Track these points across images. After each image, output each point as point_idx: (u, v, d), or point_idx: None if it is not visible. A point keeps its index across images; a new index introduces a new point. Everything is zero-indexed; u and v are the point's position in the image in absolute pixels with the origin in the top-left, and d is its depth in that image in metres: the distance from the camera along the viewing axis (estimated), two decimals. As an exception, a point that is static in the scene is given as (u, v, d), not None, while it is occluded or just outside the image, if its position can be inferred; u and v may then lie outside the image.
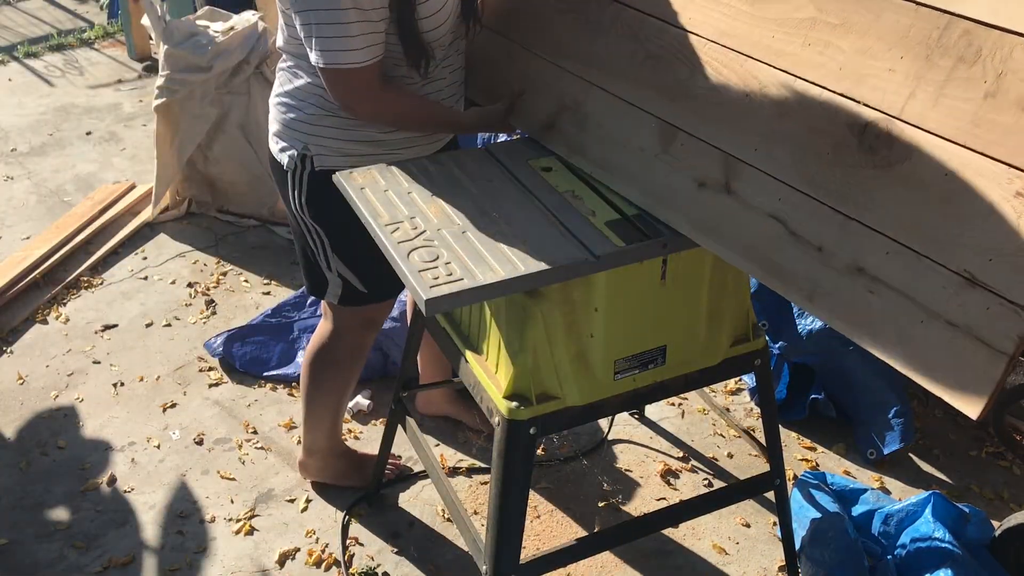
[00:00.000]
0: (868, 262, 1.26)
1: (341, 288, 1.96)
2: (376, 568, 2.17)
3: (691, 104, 1.52)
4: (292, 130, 1.83)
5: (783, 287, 1.36)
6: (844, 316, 1.29)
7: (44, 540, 2.22)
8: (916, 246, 1.22)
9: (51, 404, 2.66)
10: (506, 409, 1.57)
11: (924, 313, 1.20)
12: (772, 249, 1.37)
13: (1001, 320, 1.13)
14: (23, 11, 5.94)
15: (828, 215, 1.31)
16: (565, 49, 1.77)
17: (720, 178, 1.45)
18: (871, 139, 1.28)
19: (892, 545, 2.09)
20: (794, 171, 1.36)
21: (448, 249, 1.49)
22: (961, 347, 1.16)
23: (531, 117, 1.81)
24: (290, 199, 1.90)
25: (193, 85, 3.30)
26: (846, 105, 1.31)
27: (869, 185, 1.27)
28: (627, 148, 1.61)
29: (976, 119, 1.19)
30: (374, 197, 1.64)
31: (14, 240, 3.44)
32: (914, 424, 2.54)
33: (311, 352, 2.13)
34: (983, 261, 1.15)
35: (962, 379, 1.16)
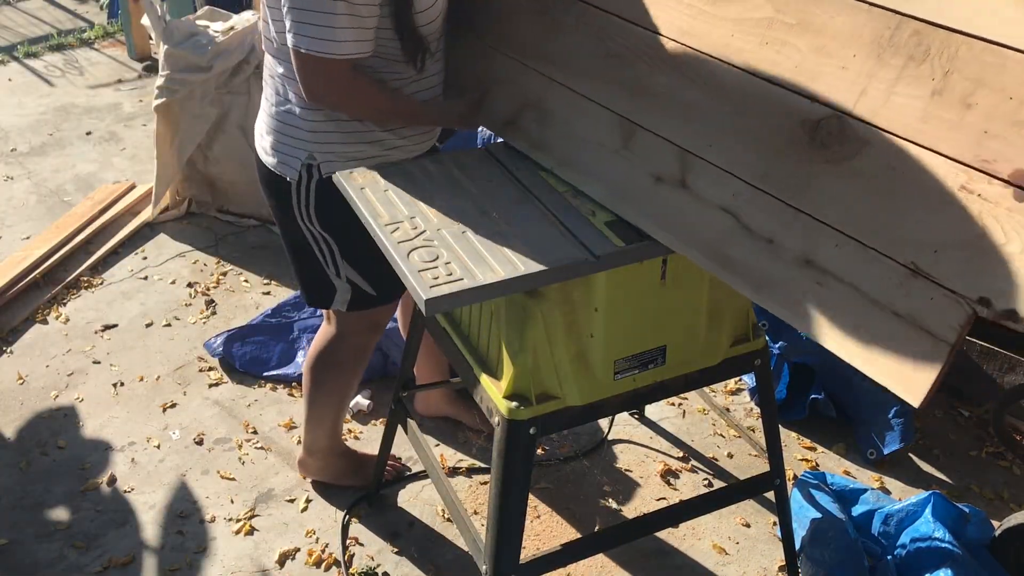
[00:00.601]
0: (817, 255, 1.29)
1: (350, 293, 1.95)
2: (376, 568, 2.17)
3: (650, 101, 1.54)
4: (294, 139, 1.81)
5: (733, 279, 1.38)
6: (793, 308, 1.31)
7: (44, 540, 2.22)
8: (864, 239, 1.25)
9: (51, 404, 2.66)
10: (506, 409, 1.57)
11: (871, 304, 1.23)
12: (724, 242, 1.39)
13: (944, 310, 1.16)
14: (23, 11, 5.94)
15: (779, 209, 1.34)
16: (530, 47, 1.79)
17: (676, 173, 1.48)
18: (823, 135, 1.31)
19: (892, 545, 2.09)
20: (748, 166, 1.39)
21: (448, 249, 1.49)
22: (906, 337, 1.19)
23: (495, 114, 1.82)
24: (295, 212, 1.86)
25: (193, 85, 3.30)
26: (800, 102, 1.34)
27: (820, 180, 1.30)
28: (587, 144, 1.63)
29: (924, 115, 1.22)
30: (374, 197, 1.64)
31: (14, 240, 3.44)
32: (914, 424, 2.54)
33: (314, 354, 2.12)
34: (928, 253, 1.18)
35: (907, 368, 1.19)
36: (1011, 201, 1.13)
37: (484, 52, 1.87)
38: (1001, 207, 1.13)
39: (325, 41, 1.59)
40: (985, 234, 1.14)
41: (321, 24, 1.58)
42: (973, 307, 1.14)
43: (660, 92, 1.53)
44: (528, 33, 1.80)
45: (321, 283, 1.96)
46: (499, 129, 1.80)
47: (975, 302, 1.14)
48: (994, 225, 1.14)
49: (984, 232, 1.14)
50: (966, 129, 1.18)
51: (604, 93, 1.62)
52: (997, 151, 1.15)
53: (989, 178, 1.15)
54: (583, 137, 1.64)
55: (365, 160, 1.82)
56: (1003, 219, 1.13)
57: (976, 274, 1.14)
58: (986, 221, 1.14)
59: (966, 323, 1.15)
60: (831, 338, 1.26)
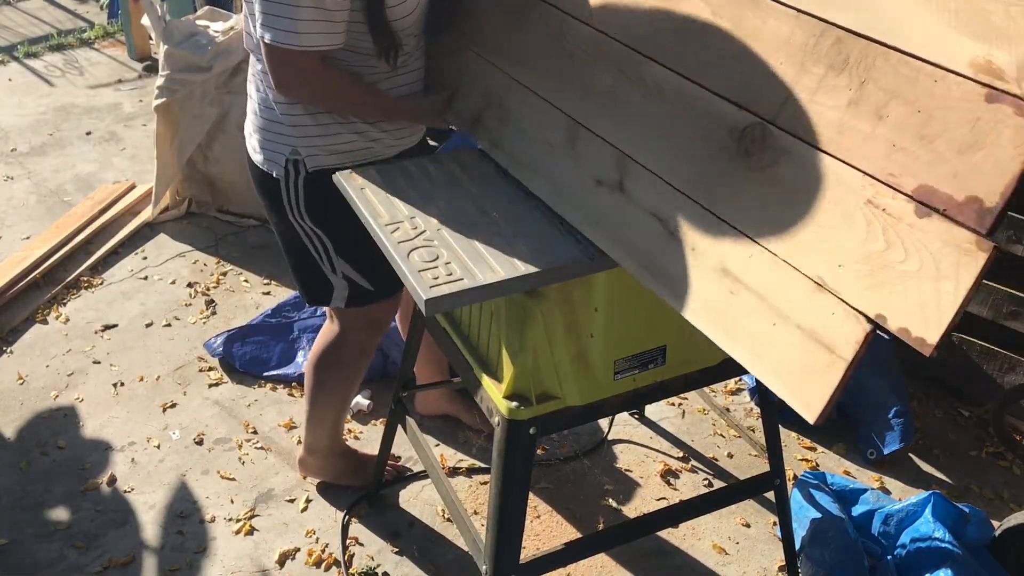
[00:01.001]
0: (732, 264, 1.29)
1: (347, 290, 1.95)
2: (376, 568, 2.17)
3: (596, 102, 1.55)
4: (277, 135, 1.82)
5: (657, 287, 1.38)
6: (709, 317, 1.30)
7: (44, 540, 2.22)
8: (776, 250, 1.25)
9: (51, 404, 2.66)
10: (506, 409, 1.57)
11: (777, 316, 1.22)
12: (651, 248, 1.39)
13: (844, 326, 1.15)
14: (23, 11, 5.94)
15: (702, 216, 1.34)
16: (496, 45, 1.80)
17: (615, 176, 1.48)
18: (747, 143, 1.31)
19: (892, 545, 2.09)
20: (678, 172, 1.39)
21: (448, 249, 1.49)
22: (806, 351, 1.19)
23: (463, 112, 1.82)
24: (286, 208, 1.87)
25: (193, 85, 3.30)
26: (729, 109, 1.34)
27: (741, 188, 1.30)
28: (537, 143, 1.64)
29: (840, 126, 1.22)
30: (374, 197, 1.64)
31: (14, 240, 3.44)
32: (914, 424, 2.54)
33: (316, 353, 2.12)
34: (833, 267, 1.18)
35: (806, 383, 1.18)
36: (912, 217, 1.13)
37: (456, 49, 1.88)
38: (903, 223, 1.13)
39: (290, 33, 1.60)
40: (886, 250, 1.14)
41: (286, 16, 1.59)
42: (872, 324, 1.13)
43: (606, 94, 1.54)
44: (495, 31, 1.81)
45: (318, 280, 1.96)
46: (467, 127, 1.81)
47: (872, 319, 1.13)
48: (895, 241, 1.13)
49: (886, 248, 1.14)
50: (877, 141, 1.18)
51: (557, 93, 1.63)
52: (903, 165, 1.15)
53: (894, 192, 1.15)
54: (535, 136, 1.65)
55: (348, 152, 1.83)
56: (904, 235, 1.13)
57: (875, 290, 1.14)
58: (888, 237, 1.14)
59: (863, 340, 1.14)
60: (739, 350, 1.25)
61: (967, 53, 1.13)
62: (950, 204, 1.10)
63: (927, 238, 1.11)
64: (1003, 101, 1.09)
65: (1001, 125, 1.08)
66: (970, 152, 1.10)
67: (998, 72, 1.10)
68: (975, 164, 1.09)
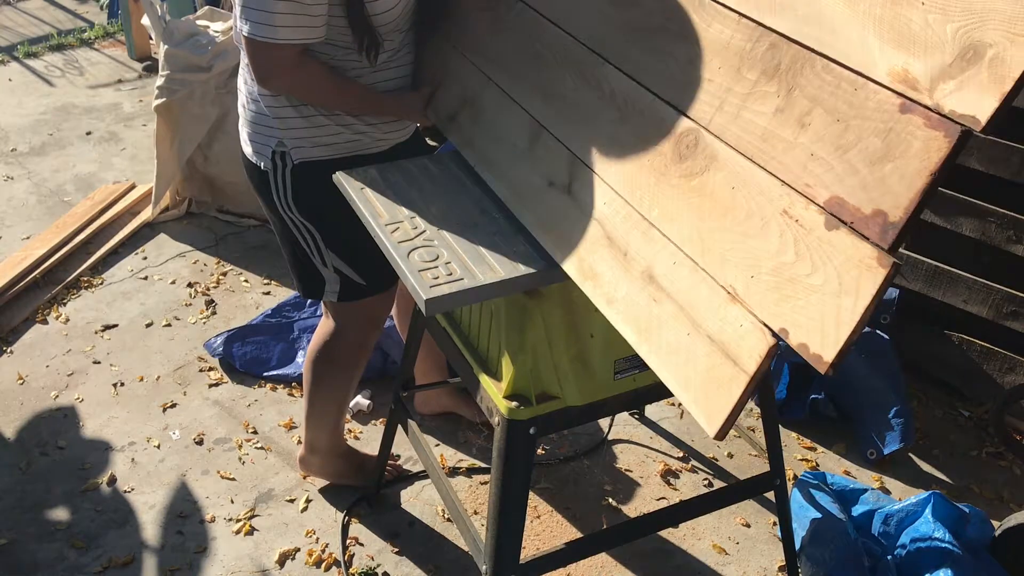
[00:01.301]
0: (657, 271, 1.29)
1: (339, 284, 1.95)
2: (376, 568, 2.17)
3: (557, 104, 1.55)
4: (263, 127, 1.83)
5: (592, 290, 1.38)
6: (633, 323, 1.30)
7: (44, 540, 2.22)
8: (697, 258, 1.24)
9: (51, 404, 2.66)
10: (506, 409, 1.57)
11: (691, 325, 1.22)
12: (589, 251, 1.39)
13: (750, 338, 1.14)
14: (23, 11, 5.94)
15: (637, 221, 1.34)
16: (475, 44, 1.80)
17: (565, 179, 1.48)
18: (683, 148, 1.31)
19: (892, 545, 2.09)
20: (620, 176, 1.39)
21: (448, 249, 1.49)
22: (714, 363, 1.17)
23: (441, 109, 1.83)
24: (275, 201, 1.89)
25: (193, 85, 3.30)
26: (671, 114, 1.34)
27: (672, 194, 1.30)
28: (503, 143, 1.64)
29: (765, 134, 1.21)
30: (374, 197, 1.64)
31: (14, 240, 3.44)
32: (914, 424, 2.54)
33: (313, 351, 2.12)
34: (746, 278, 1.17)
35: (710, 396, 1.17)
36: (822, 229, 1.11)
37: (441, 46, 1.89)
38: (813, 235, 1.12)
39: (266, 26, 1.61)
40: (795, 262, 1.13)
41: (263, 9, 1.60)
42: (775, 337, 1.12)
43: (566, 96, 1.54)
44: (476, 29, 1.82)
45: (311, 273, 1.97)
46: (443, 124, 1.81)
47: (775, 332, 1.12)
48: (804, 254, 1.12)
49: (795, 260, 1.13)
50: (797, 150, 1.17)
51: (526, 94, 1.64)
52: (818, 176, 1.14)
53: (808, 203, 1.14)
54: (502, 136, 1.66)
55: (334, 145, 1.83)
56: (812, 248, 1.12)
57: (781, 303, 1.13)
58: (798, 249, 1.13)
59: (766, 354, 1.12)
60: (653, 358, 1.24)
61: (887, 61, 1.11)
62: (857, 217, 1.08)
63: (833, 251, 1.09)
64: (915, 112, 1.07)
65: (911, 137, 1.06)
66: (880, 164, 1.08)
67: (913, 82, 1.08)
68: (883, 177, 1.07)
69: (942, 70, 1.06)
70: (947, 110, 1.04)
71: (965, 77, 1.04)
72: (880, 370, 2.52)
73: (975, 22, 1.05)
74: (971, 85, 1.03)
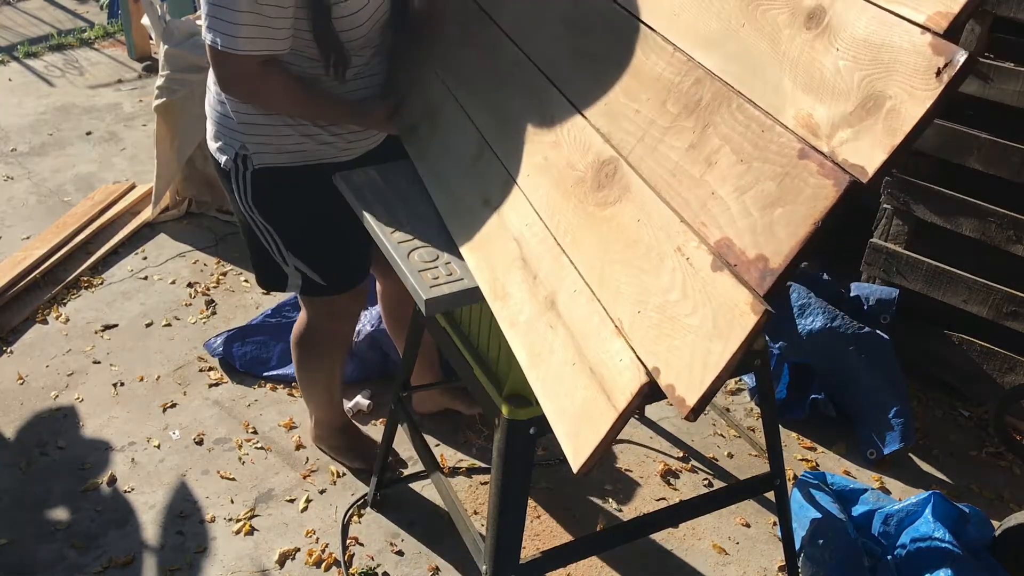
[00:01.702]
0: (559, 298, 1.28)
1: (301, 279, 1.99)
2: (376, 568, 2.17)
3: (503, 123, 1.55)
4: (228, 129, 1.85)
5: (500, 311, 1.37)
6: (528, 348, 1.29)
7: (44, 540, 2.22)
8: (595, 288, 1.23)
9: (51, 404, 2.66)
10: (506, 409, 1.57)
11: (577, 355, 1.20)
12: (504, 272, 1.38)
13: (626, 375, 1.13)
14: (23, 11, 5.94)
15: (551, 245, 1.33)
16: (444, 57, 1.81)
17: (499, 198, 1.48)
18: (603, 177, 1.31)
19: (892, 545, 2.09)
20: (545, 200, 1.38)
21: (448, 249, 1.49)
22: (590, 396, 1.16)
23: (406, 119, 1.82)
24: (237, 199, 1.91)
25: (193, 85, 3.30)
26: (598, 142, 1.34)
27: (586, 222, 1.29)
28: (451, 157, 1.64)
29: (676, 169, 1.20)
30: (373, 197, 1.64)
31: (14, 240, 3.44)
32: (914, 424, 2.54)
33: (294, 337, 2.20)
34: (633, 312, 1.16)
35: (581, 429, 1.15)
36: (708, 270, 1.11)
37: (411, 57, 1.89)
38: (699, 275, 1.11)
39: (229, 36, 1.61)
40: (679, 301, 1.12)
41: (226, 20, 1.60)
42: (648, 376, 1.11)
43: (512, 115, 1.54)
44: (445, 42, 1.82)
45: (272, 267, 2.00)
46: (404, 135, 1.80)
47: (649, 371, 1.10)
48: (689, 293, 1.11)
49: (680, 299, 1.12)
50: (701, 188, 1.16)
51: (478, 110, 1.63)
52: (714, 216, 1.13)
53: (700, 242, 1.13)
54: (451, 149, 1.65)
55: (297, 152, 1.84)
56: (696, 288, 1.11)
57: (659, 341, 1.12)
58: (685, 288, 1.12)
59: (637, 392, 1.10)
60: (539, 386, 1.22)
61: (796, 105, 1.11)
62: (741, 260, 1.08)
63: (713, 293, 1.09)
64: (811, 158, 1.06)
65: (803, 184, 1.05)
66: (771, 208, 1.07)
67: (815, 127, 1.07)
68: (772, 222, 1.06)
69: (843, 117, 1.06)
70: (840, 159, 1.04)
71: (862, 127, 1.03)
72: (880, 370, 2.52)
73: (881, 72, 1.05)
74: (866, 135, 1.03)
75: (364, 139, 1.92)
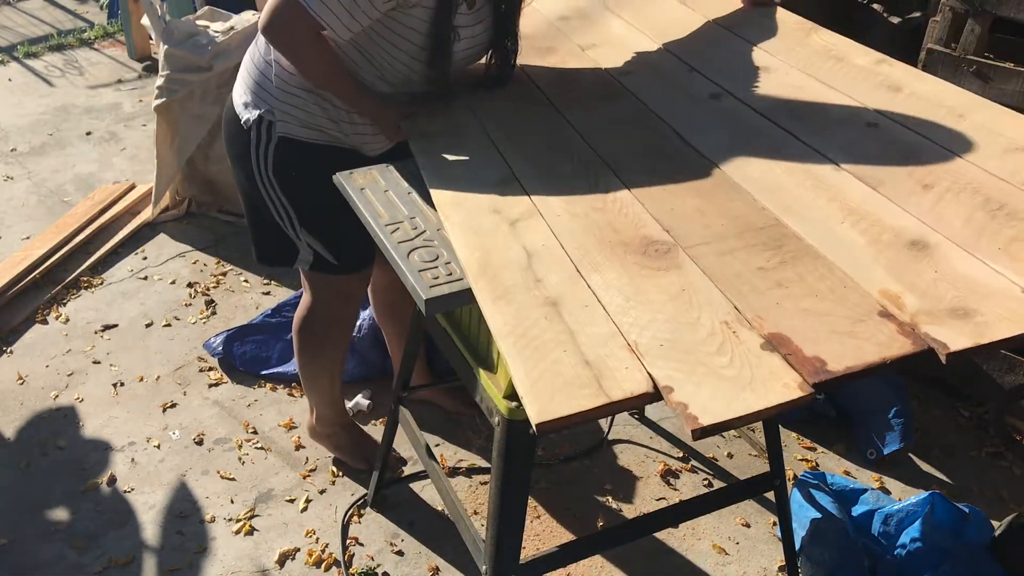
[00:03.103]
0: (564, 304, 1.27)
1: (312, 255, 1.98)
2: (376, 568, 2.17)
3: (544, 174, 1.60)
4: (262, 89, 1.84)
5: (482, 289, 1.36)
6: (512, 322, 1.26)
7: (44, 540, 2.22)
8: (612, 312, 1.25)
9: (51, 404, 2.66)
10: (506, 409, 1.57)
11: (573, 346, 1.19)
12: (502, 265, 1.37)
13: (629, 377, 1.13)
14: (23, 11, 5.94)
15: (568, 268, 1.34)
16: (485, 103, 1.86)
17: (513, 215, 1.50)
18: (651, 249, 1.36)
19: (892, 545, 2.09)
20: (571, 235, 1.42)
21: (448, 249, 1.49)
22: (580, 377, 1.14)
23: (421, 127, 1.82)
24: (255, 171, 1.89)
25: (193, 85, 3.30)
26: (653, 226, 1.42)
27: (618, 266, 1.33)
28: (465, 167, 1.65)
29: (740, 274, 1.30)
30: (374, 197, 1.64)
31: (14, 240, 3.44)
32: (914, 424, 2.54)
33: (296, 322, 2.19)
34: (655, 344, 1.18)
35: (557, 396, 1.12)
36: (756, 347, 1.15)
37: (456, 99, 1.89)
38: (744, 345, 1.16)
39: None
40: (714, 354, 1.14)
41: None
42: (654, 388, 1.12)
43: (556, 172, 1.59)
44: (492, 97, 1.88)
45: (281, 242, 1.98)
46: (414, 137, 1.79)
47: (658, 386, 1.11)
48: (728, 351, 1.15)
49: (715, 352, 1.15)
50: (764, 297, 1.24)
51: (513, 155, 1.66)
52: (774, 317, 1.20)
53: (751, 328, 1.18)
54: (471, 166, 1.66)
55: (320, 131, 1.85)
56: (738, 351, 1.15)
57: (679, 371, 1.12)
58: (723, 347, 1.15)
59: (638, 396, 1.11)
60: (513, 352, 1.20)
61: (884, 284, 1.23)
62: (795, 353, 1.12)
63: (758, 363, 1.12)
64: (892, 320, 1.16)
65: (879, 332, 1.14)
66: (839, 335, 1.15)
67: (900, 304, 1.18)
68: (837, 342, 1.13)
69: (931, 313, 1.16)
70: (921, 331, 1.14)
71: (950, 323, 1.14)
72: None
73: (975, 298, 1.19)
74: (952, 327, 1.13)
75: (376, 139, 1.93)
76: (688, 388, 1.10)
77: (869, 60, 1.82)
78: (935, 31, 2.61)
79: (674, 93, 1.84)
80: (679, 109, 1.77)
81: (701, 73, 1.90)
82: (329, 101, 1.83)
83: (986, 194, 1.38)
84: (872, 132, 1.59)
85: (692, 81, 1.88)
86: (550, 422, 1.08)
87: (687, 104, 1.79)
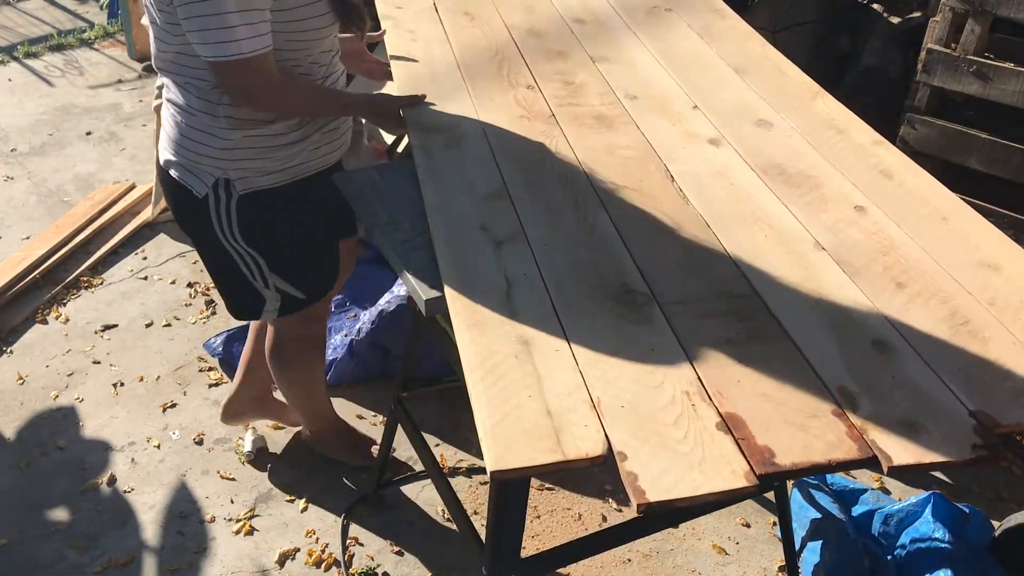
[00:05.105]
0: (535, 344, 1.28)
1: (279, 301, 1.97)
2: (376, 568, 2.17)
3: (536, 197, 1.61)
4: (205, 157, 1.75)
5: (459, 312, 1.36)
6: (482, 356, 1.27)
7: (44, 540, 2.22)
8: (580, 363, 1.26)
9: (51, 404, 2.66)
10: (506, 409, 1.57)
11: (538, 392, 1.21)
12: (482, 295, 1.37)
13: (587, 437, 1.16)
14: (23, 11, 5.94)
15: (546, 308, 1.35)
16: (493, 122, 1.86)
17: (500, 236, 1.50)
18: (627, 298, 1.38)
19: (892, 545, 2.09)
20: (552, 272, 1.42)
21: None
22: (539, 427, 1.15)
23: (422, 119, 1.82)
24: (217, 231, 1.83)
25: (193, 85, 3.30)
26: (633, 274, 1.43)
27: (594, 311, 1.34)
28: (460, 177, 1.65)
29: (706, 343, 1.30)
30: (374, 198, 1.64)
31: (14, 240, 3.44)
32: (914, 424, 2.53)
33: (267, 353, 2.16)
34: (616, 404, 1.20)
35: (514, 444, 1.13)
36: (712, 425, 1.17)
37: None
38: (701, 422, 1.18)
39: (229, 43, 1.56)
40: (671, 426, 1.17)
41: (215, 28, 1.55)
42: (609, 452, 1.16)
43: (548, 201, 1.60)
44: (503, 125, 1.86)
45: (250, 296, 1.96)
46: (414, 127, 1.79)
47: (613, 450, 1.16)
48: (684, 426, 1.17)
49: (671, 424, 1.17)
50: (728, 371, 1.26)
51: (512, 173, 1.67)
52: (732, 398, 1.20)
53: (711, 403, 1.20)
54: (467, 174, 1.66)
55: (279, 172, 1.81)
56: (695, 428, 1.17)
57: (636, 437, 1.15)
58: (680, 421, 1.18)
59: (592, 458, 1.15)
60: (478, 388, 1.20)
61: (842, 379, 1.25)
62: (748, 439, 1.15)
63: (712, 443, 1.14)
64: (844, 421, 1.18)
65: (829, 431, 1.17)
66: (791, 429, 1.17)
67: (856, 405, 1.21)
68: (788, 437, 1.15)
69: (882, 421, 1.18)
70: (869, 438, 1.15)
71: (898, 435, 1.16)
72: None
73: (924, 415, 1.20)
74: (898, 441, 1.15)
75: (338, 150, 1.92)
76: (641, 459, 1.13)
77: (868, 139, 1.83)
78: (935, 31, 2.61)
79: (675, 130, 1.84)
80: (677, 149, 1.77)
81: (704, 114, 1.90)
82: (281, 136, 1.77)
83: (954, 306, 1.39)
84: (858, 217, 1.59)
85: (694, 120, 1.88)
86: (506, 471, 1.10)
87: (685, 145, 1.79)
